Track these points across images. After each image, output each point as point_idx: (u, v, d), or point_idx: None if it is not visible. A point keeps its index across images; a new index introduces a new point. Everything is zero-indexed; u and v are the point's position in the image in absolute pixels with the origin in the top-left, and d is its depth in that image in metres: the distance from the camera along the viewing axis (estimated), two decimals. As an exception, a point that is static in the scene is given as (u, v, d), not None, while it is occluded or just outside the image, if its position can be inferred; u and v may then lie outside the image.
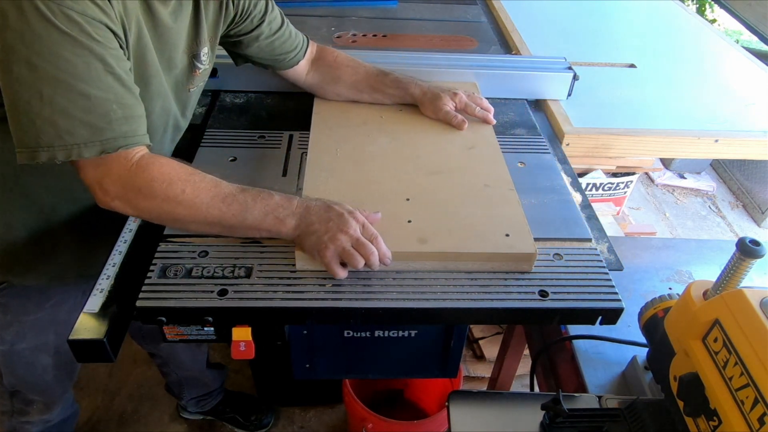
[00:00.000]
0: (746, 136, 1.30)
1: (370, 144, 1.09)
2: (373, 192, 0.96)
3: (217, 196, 0.82)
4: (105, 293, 0.83)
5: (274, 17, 1.11)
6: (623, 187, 2.00)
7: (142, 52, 0.85)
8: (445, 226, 0.89)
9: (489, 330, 2.04)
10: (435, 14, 1.89)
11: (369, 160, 1.04)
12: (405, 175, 1.01)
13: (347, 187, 0.96)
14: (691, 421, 0.69)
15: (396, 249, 0.84)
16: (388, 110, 1.21)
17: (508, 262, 0.86)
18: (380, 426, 1.61)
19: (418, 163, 1.04)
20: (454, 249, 0.85)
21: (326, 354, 1.02)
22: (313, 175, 0.98)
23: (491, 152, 1.09)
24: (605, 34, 1.89)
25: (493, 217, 0.91)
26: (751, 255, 0.66)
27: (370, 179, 0.99)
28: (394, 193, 0.96)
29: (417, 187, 0.97)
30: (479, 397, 0.93)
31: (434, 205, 0.94)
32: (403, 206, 0.93)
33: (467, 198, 0.96)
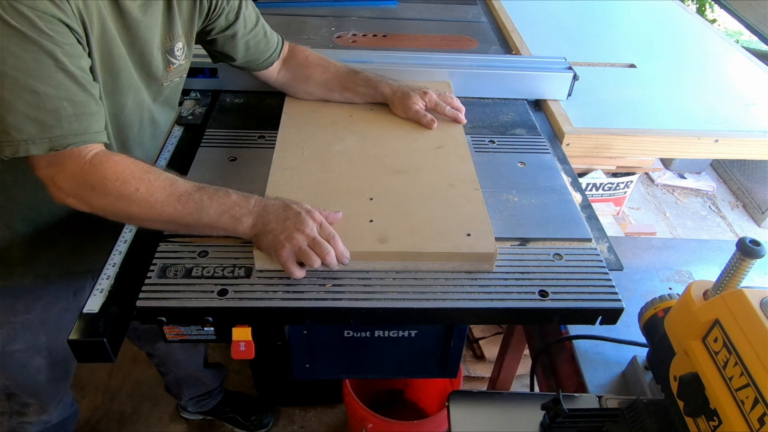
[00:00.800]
0: (746, 136, 1.30)
1: (337, 143, 1.09)
2: (337, 191, 0.96)
3: (172, 194, 0.81)
4: (105, 293, 0.82)
5: (249, 15, 1.11)
6: (623, 187, 2.00)
7: (108, 47, 0.85)
8: (406, 225, 0.89)
9: (489, 330, 2.04)
10: (435, 14, 1.89)
11: (335, 160, 1.04)
12: (370, 174, 1.01)
13: (310, 187, 0.96)
14: (691, 421, 0.69)
15: (355, 249, 0.84)
16: (359, 109, 1.21)
17: (468, 261, 0.86)
18: (380, 426, 1.61)
19: (384, 163, 1.04)
20: (414, 249, 0.85)
21: (326, 354, 1.02)
22: (277, 175, 0.98)
23: (459, 151, 1.08)
24: (605, 34, 1.89)
25: (455, 216, 0.91)
26: (751, 255, 0.66)
27: (335, 178, 0.99)
28: (358, 192, 0.96)
29: (381, 187, 0.98)
30: (479, 397, 0.93)
31: (397, 204, 0.94)
32: (365, 206, 0.93)
33: (431, 197, 0.96)
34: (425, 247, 0.85)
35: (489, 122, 1.27)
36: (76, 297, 1.17)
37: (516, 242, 0.93)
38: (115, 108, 0.93)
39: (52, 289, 1.12)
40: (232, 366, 2.12)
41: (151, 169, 0.83)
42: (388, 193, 0.96)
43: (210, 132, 1.17)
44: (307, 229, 0.81)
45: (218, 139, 1.14)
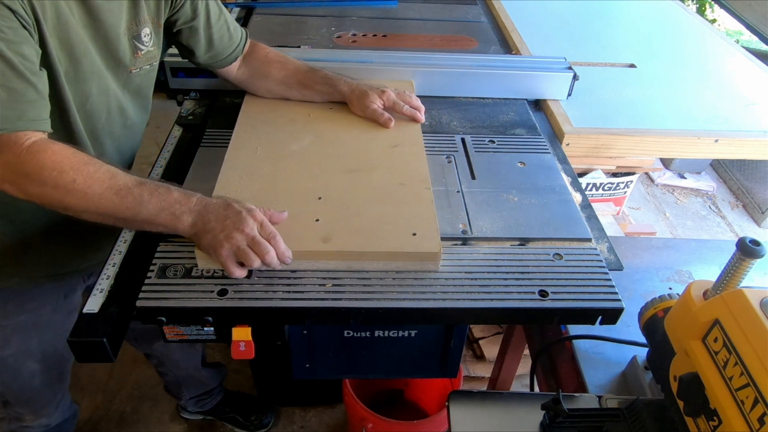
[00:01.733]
0: (746, 136, 1.30)
1: (293, 142, 1.09)
2: (285, 191, 0.96)
3: (111, 188, 0.80)
4: (105, 293, 0.82)
5: (212, 8, 1.10)
6: (623, 187, 2.00)
7: (65, 31, 0.84)
8: (352, 224, 0.89)
9: (489, 330, 2.04)
10: (435, 14, 1.89)
11: (288, 159, 1.04)
12: (322, 173, 1.01)
13: (260, 186, 0.96)
14: (691, 421, 0.69)
15: (298, 248, 0.84)
16: (318, 108, 1.20)
17: (412, 261, 0.85)
18: (380, 426, 1.61)
19: (337, 162, 1.04)
20: (356, 248, 0.85)
21: (326, 354, 1.02)
22: (226, 174, 0.98)
23: (414, 150, 1.08)
24: (605, 34, 1.89)
25: (403, 215, 0.91)
26: (751, 255, 0.66)
27: (285, 178, 0.99)
28: (307, 191, 0.96)
29: (331, 186, 0.97)
30: (479, 397, 0.93)
31: (345, 203, 0.94)
32: (313, 205, 0.93)
33: (380, 196, 0.95)
34: (368, 247, 0.85)
35: (489, 122, 1.27)
36: (67, 299, 1.17)
37: (516, 242, 0.93)
38: (80, 95, 0.92)
39: (42, 291, 1.12)
40: (232, 366, 2.12)
41: (92, 161, 0.81)
42: (337, 193, 0.96)
43: (210, 132, 1.17)
44: (247, 228, 0.80)
45: (218, 139, 1.14)
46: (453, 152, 1.14)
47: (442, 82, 1.35)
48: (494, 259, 0.89)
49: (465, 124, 1.26)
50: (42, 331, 1.16)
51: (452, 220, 0.96)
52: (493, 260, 0.89)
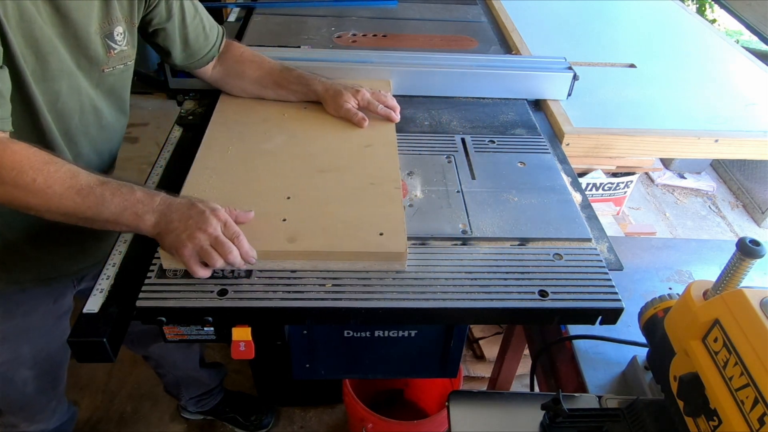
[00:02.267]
0: (746, 136, 1.30)
1: (265, 142, 1.09)
2: (254, 190, 0.96)
3: (72, 187, 0.79)
4: (105, 293, 0.82)
5: (187, 7, 1.09)
6: (623, 187, 2.00)
7: (29, 29, 0.83)
8: (319, 224, 0.89)
9: (489, 330, 2.04)
10: (435, 14, 1.89)
11: (259, 158, 1.04)
12: (292, 173, 1.01)
13: (229, 186, 0.97)
14: (691, 421, 0.69)
15: (263, 248, 0.84)
16: (292, 108, 1.20)
17: (378, 261, 0.86)
18: (380, 426, 1.61)
19: (308, 161, 1.04)
20: (322, 248, 0.85)
21: (326, 354, 1.02)
22: (196, 174, 0.98)
23: (387, 150, 1.08)
24: (605, 34, 1.89)
25: (371, 215, 0.91)
26: (751, 255, 0.66)
27: (255, 177, 0.99)
28: (276, 191, 0.96)
29: (301, 186, 0.98)
30: (479, 397, 0.93)
31: (314, 203, 0.94)
32: (281, 204, 0.93)
33: (350, 196, 0.96)
34: (333, 246, 0.85)
35: (489, 122, 1.27)
36: (57, 303, 1.16)
37: (516, 242, 0.93)
38: (49, 95, 0.91)
39: (30, 297, 1.11)
40: (232, 366, 2.12)
41: (53, 160, 0.80)
42: (307, 192, 0.96)
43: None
44: (210, 228, 0.80)
45: (218, 139, 1.14)
46: (453, 152, 1.14)
47: (442, 82, 1.35)
48: (494, 259, 0.89)
49: (465, 124, 1.26)
50: (33, 337, 1.15)
51: (452, 220, 0.96)
52: (493, 260, 0.89)
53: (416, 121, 1.26)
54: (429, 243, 0.92)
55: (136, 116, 3.55)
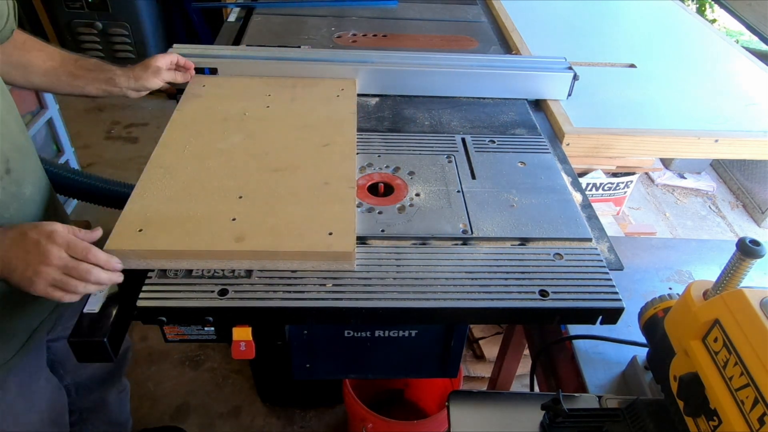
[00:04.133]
0: (746, 136, 1.30)
1: (222, 141, 1.09)
2: (206, 189, 0.96)
3: None
4: (105, 293, 0.82)
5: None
6: (623, 187, 2.00)
7: None
8: (268, 223, 0.89)
9: (489, 330, 2.04)
10: (435, 14, 1.89)
11: (215, 157, 1.04)
12: (246, 172, 1.00)
13: (181, 185, 0.96)
14: (691, 421, 0.69)
15: (209, 248, 0.84)
16: (255, 107, 1.20)
17: (326, 260, 0.85)
18: (380, 426, 1.61)
19: (263, 160, 1.03)
20: (269, 247, 0.84)
21: (326, 354, 1.02)
22: (149, 173, 0.98)
23: (345, 150, 1.08)
24: (605, 34, 1.89)
25: (322, 214, 0.91)
26: (751, 255, 0.66)
27: (208, 177, 0.99)
28: (228, 190, 0.96)
29: (254, 185, 0.97)
30: (479, 397, 0.93)
31: (265, 202, 0.93)
32: (232, 204, 0.93)
33: (302, 195, 0.95)
34: (281, 246, 0.85)
35: (489, 122, 1.27)
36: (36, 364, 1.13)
37: (516, 242, 0.93)
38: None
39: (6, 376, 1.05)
40: (231, 366, 2.12)
41: None
42: (259, 191, 0.96)
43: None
44: (52, 258, 0.75)
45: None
46: (453, 152, 1.14)
47: (442, 82, 1.35)
48: (495, 259, 0.89)
49: (465, 124, 1.26)
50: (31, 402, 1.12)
51: (453, 219, 0.96)
52: (493, 260, 0.89)
53: (416, 121, 1.26)
54: (429, 243, 0.92)
55: (136, 116, 3.56)
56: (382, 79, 1.34)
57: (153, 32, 3.47)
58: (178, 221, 0.89)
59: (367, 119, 1.26)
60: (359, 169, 1.07)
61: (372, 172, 1.07)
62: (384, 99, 1.35)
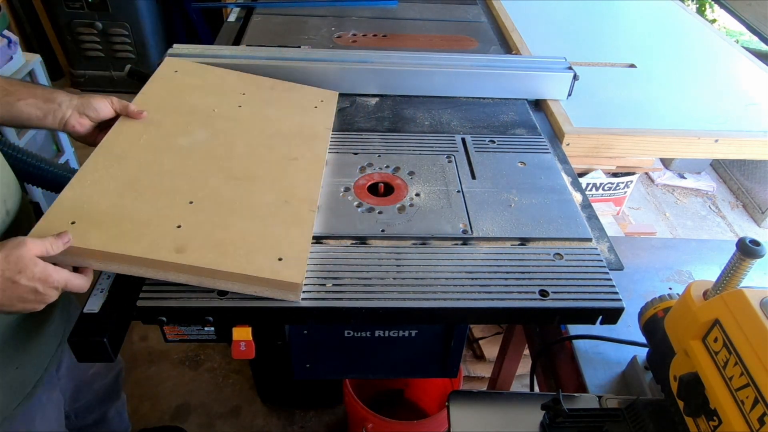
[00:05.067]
0: (746, 136, 1.30)
1: (183, 136, 0.99)
2: (156, 188, 0.87)
3: None
4: (105, 293, 0.82)
5: None
6: (623, 187, 2.00)
7: None
8: (215, 237, 0.81)
9: (489, 330, 2.04)
10: (435, 14, 1.89)
11: (171, 153, 0.94)
12: (202, 175, 0.92)
13: (128, 179, 0.87)
14: (691, 421, 0.69)
15: (145, 255, 0.77)
16: (226, 105, 1.11)
17: (271, 288, 0.78)
18: (380, 426, 1.61)
19: (224, 165, 0.95)
20: (210, 265, 0.77)
21: (326, 354, 1.02)
22: (96, 159, 0.88)
23: (312, 167, 1.01)
24: (605, 34, 1.89)
25: (274, 236, 0.83)
26: (751, 255, 0.66)
27: (160, 173, 0.90)
28: (180, 192, 0.87)
29: (208, 191, 0.89)
30: (479, 397, 0.93)
31: (217, 213, 0.85)
32: (181, 209, 0.84)
33: (258, 211, 0.87)
34: (223, 265, 0.77)
35: (489, 122, 1.27)
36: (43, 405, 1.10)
37: (516, 242, 0.93)
38: None
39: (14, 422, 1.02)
40: (232, 366, 2.13)
41: None
42: (212, 200, 0.88)
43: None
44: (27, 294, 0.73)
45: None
46: (453, 152, 1.14)
47: (442, 82, 1.35)
48: (495, 259, 0.89)
49: (465, 124, 1.26)
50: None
51: (453, 219, 0.96)
52: (493, 260, 0.89)
53: (416, 121, 1.26)
54: (429, 243, 0.92)
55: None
56: (382, 79, 1.34)
57: (153, 32, 3.47)
58: (116, 219, 0.80)
59: (367, 119, 1.26)
60: (359, 169, 1.07)
61: (372, 172, 1.07)
62: (384, 99, 1.35)
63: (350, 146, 1.14)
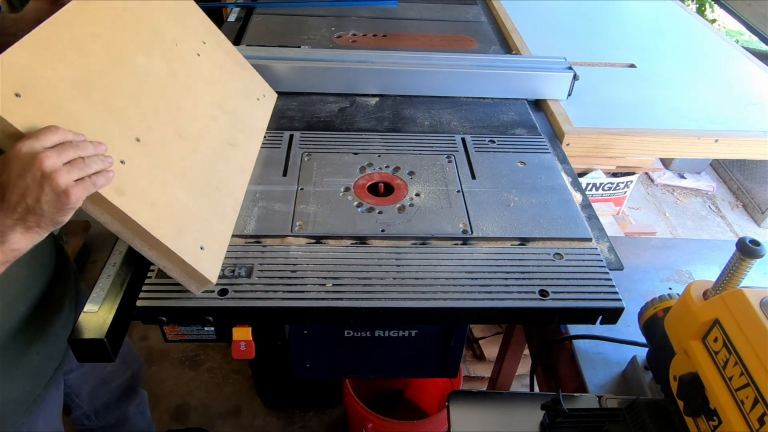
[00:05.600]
0: (746, 136, 1.30)
1: (143, 55, 0.85)
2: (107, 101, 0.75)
3: None
4: (105, 293, 0.82)
5: None
6: (623, 187, 2.00)
7: None
8: (152, 195, 0.74)
9: (489, 330, 2.04)
10: (435, 14, 1.89)
11: (129, 69, 0.81)
12: (152, 113, 0.82)
13: (81, 73, 0.73)
14: (691, 421, 0.69)
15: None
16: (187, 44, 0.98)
17: (182, 273, 0.76)
18: (380, 426, 1.61)
19: (175, 117, 0.86)
20: (146, 225, 0.70)
21: (327, 354, 1.02)
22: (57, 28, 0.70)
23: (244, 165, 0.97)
24: (605, 34, 1.89)
25: (201, 221, 0.80)
26: (751, 255, 0.66)
27: (116, 85, 0.78)
28: (129, 121, 0.77)
29: (155, 135, 0.80)
30: (479, 397, 0.93)
31: (159, 165, 0.78)
32: (127, 142, 0.74)
33: (193, 185, 0.82)
34: (156, 231, 0.71)
35: (489, 122, 1.27)
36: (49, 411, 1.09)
37: (516, 242, 0.93)
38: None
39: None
40: (231, 366, 2.13)
41: None
42: (157, 147, 0.79)
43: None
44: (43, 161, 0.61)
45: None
46: (453, 152, 1.14)
47: (442, 82, 1.35)
48: (495, 259, 0.89)
49: (465, 124, 1.26)
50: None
51: (453, 219, 0.96)
52: (493, 260, 0.89)
53: (416, 121, 1.26)
54: (429, 243, 0.92)
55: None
56: (381, 79, 1.34)
57: (153, 32, 3.46)
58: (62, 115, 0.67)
59: (367, 119, 1.26)
60: (359, 169, 1.07)
61: (372, 172, 1.07)
62: (384, 99, 1.35)
63: (350, 146, 1.14)
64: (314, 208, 0.97)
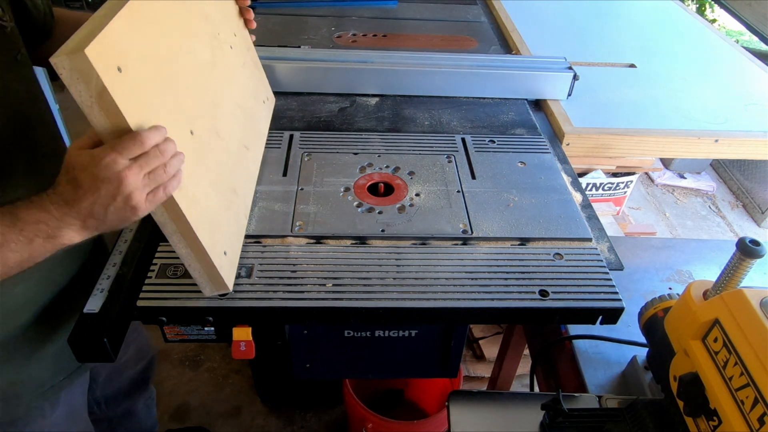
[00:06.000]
0: (746, 136, 1.30)
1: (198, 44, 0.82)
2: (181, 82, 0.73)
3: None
4: (105, 293, 0.82)
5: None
6: (623, 187, 2.00)
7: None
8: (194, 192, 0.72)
9: (489, 330, 2.04)
10: (435, 14, 1.89)
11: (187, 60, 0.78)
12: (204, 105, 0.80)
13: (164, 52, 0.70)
14: (691, 421, 0.69)
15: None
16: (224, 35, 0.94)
17: (204, 274, 0.75)
18: (380, 426, 1.61)
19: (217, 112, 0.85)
20: (193, 222, 0.69)
21: (327, 354, 1.02)
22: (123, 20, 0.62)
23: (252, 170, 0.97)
24: (605, 34, 1.89)
25: (225, 225, 0.80)
26: (751, 255, 0.66)
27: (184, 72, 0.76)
28: (190, 110, 0.75)
29: (203, 130, 0.78)
30: (479, 397, 0.93)
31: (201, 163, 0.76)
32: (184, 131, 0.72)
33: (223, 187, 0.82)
34: (199, 230, 0.70)
35: (489, 122, 1.27)
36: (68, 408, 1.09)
37: (516, 242, 0.93)
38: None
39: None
40: (231, 366, 2.13)
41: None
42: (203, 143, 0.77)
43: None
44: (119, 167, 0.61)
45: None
46: (453, 152, 1.14)
47: (442, 82, 1.35)
48: (494, 259, 0.89)
49: (465, 124, 1.26)
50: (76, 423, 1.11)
51: (453, 219, 0.96)
52: (493, 260, 0.89)
53: (416, 121, 1.26)
54: (429, 243, 0.92)
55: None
56: (381, 79, 1.34)
57: (153, 32, 3.46)
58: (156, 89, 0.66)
59: (367, 119, 1.26)
60: (359, 169, 1.07)
61: (372, 172, 1.07)
62: (384, 99, 1.35)
63: (350, 146, 1.14)
64: (314, 208, 0.97)
